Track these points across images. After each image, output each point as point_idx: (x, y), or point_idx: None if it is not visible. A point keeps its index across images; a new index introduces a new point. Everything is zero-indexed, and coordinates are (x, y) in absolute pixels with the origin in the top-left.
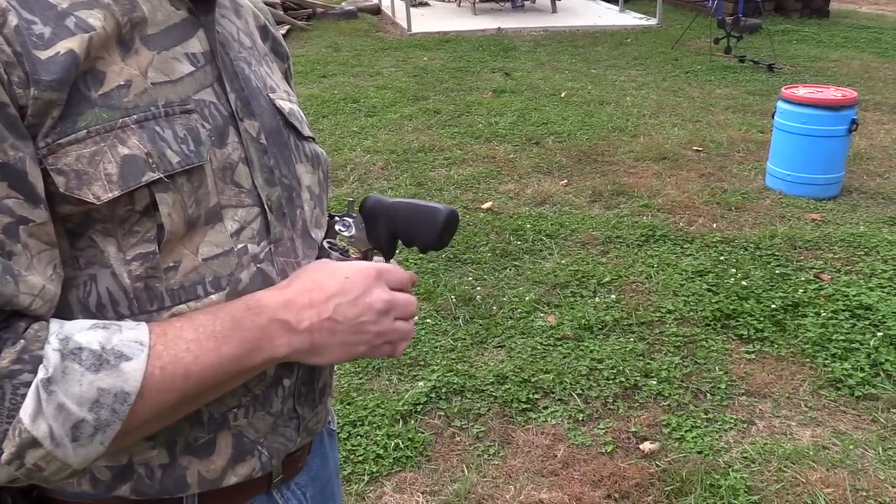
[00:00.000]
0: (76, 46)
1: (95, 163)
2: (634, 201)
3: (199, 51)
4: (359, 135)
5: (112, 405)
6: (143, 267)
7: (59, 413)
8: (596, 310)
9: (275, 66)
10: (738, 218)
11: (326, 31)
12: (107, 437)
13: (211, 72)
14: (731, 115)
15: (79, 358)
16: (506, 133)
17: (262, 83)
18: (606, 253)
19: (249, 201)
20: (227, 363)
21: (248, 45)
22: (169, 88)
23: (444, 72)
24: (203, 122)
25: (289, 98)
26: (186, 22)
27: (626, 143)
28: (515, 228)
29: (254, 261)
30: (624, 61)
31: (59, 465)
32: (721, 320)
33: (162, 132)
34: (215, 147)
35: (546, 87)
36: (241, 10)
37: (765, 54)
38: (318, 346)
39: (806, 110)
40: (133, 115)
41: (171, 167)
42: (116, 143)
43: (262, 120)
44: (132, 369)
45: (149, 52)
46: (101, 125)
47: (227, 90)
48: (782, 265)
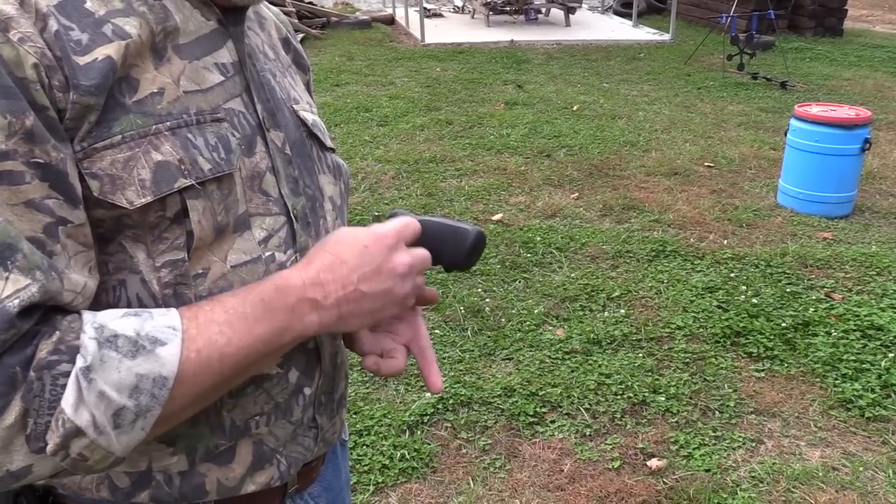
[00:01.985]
0: (113, 53)
1: (129, 168)
2: (645, 216)
3: (228, 61)
4: (370, 144)
5: (151, 390)
6: (172, 274)
7: (101, 401)
8: (605, 324)
9: (297, 77)
10: (749, 235)
11: (340, 40)
12: (147, 423)
13: (240, 82)
14: (743, 131)
15: (115, 345)
16: (517, 145)
17: (286, 94)
18: (616, 267)
19: (276, 210)
20: (259, 344)
21: (273, 56)
22: (200, 97)
23: (456, 83)
24: (233, 130)
25: (311, 109)
26: (216, 32)
27: (637, 158)
28: (525, 241)
29: (280, 269)
30: (636, 76)
31: (102, 453)
32: (731, 338)
33: (194, 139)
34: (244, 156)
35: (558, 101)
36: (264, 22)
37: (778, 71)
38: (346, 317)
39: (819, 128)
40: (166, 122)
41: (203, 174)
42: (150, 149)
43: (287, 131)
44: (168, 354)
45: (181, 61)
46: (136, 131)
47: (254, 100)
48: (793, 283)
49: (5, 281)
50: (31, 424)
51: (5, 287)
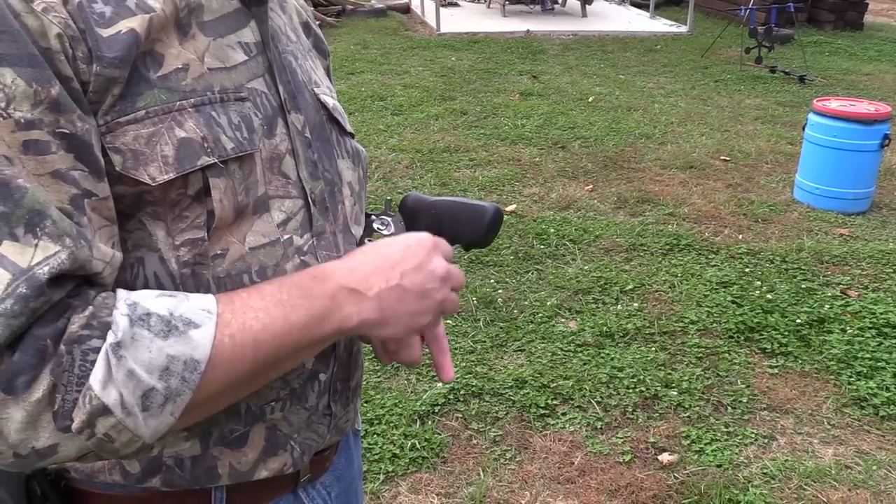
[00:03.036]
0: (137, 26)
1: (153, 144)
2: (660, 209)
3: (251, 41)
4: (385, 133)
5: (182, 373)
6: (191, 253)
7: (130, 380)
8: (618, 317)
9: (318, 62)
10: (764, 230)
11: (355, 28)
12: (177, 408)
13: (262, 62)
14: (760, 125)
15: (147, 324)
16: (532, 136)
17: (307, 77)
18: (630, 260)
19: (295, 193)
20: (296, 332)
21: (294, 39)
22: (224, 75)
23: (471, 72)
24: (255, 110)
25: (331, 94)
26: (240, 12)
27: (652, 151)
28: (539, 232)
29: (298, 252)
30: (653, 68)
31: (129, 435)
32: (744, 333)
33: (217, 117)
34: (265, 137)
35: (573, 92)
36: (285, 5)
37: (796, 65)
38: (386, 315)
39: (838, 124)
40: (191, 98)
41: (226, 153)
42: (174, 125)
43: (307, 114)
44: (201, 336)
45: (205, 38)
46: (160, 106)
47: (276, 81)
48: (808, 280)
49: (34, 248)
50: (58, 401)
51: (35, 254)
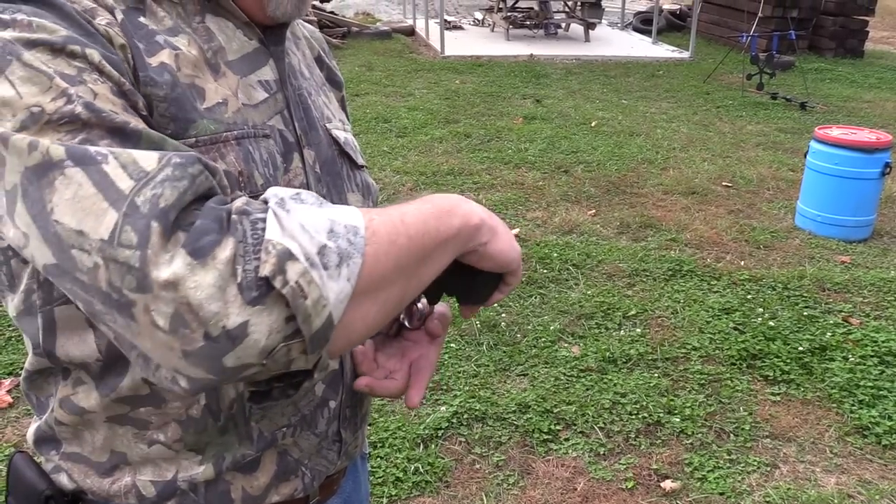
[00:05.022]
0: (167, 58)
1: None
2: (662, 235)
3: (270, 79)
4: (389, 155)
5: (346, 235)
6: None
7: (303, 232)
8: (621, 343)
9: (331, 95)
10: (766, 256)
11: (360, 50)
12: (352, 273)
13: (280, 100)
14: (761, 151)
15: (300, 199)
16: (535, 160)
17: (319, 113)
18: (633, 286)
19: None
20: (432, 219)
21: (308, 75)
22: (252, 112)
23: (475, 96)
24: (276, 147)
25: (344, 127)
26: (258, 51)
27: (655, 176)
28: (542, 257)
29: None
30: (655, 93)
31: (318, 293)
32: (747, 360)
33: (252, 152)
34: (283, 173)
35: (576, 116)
36: (299, 42)
37: (797, 92)
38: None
39: (839, 151)
40: (233, 130)
41: (257, 189)
42: (217, 157)
43: (319, 149)
44: (350, 209)
45: (234, 75)
46: (209, 136)
47: (293, 118)
48: (810, 307)
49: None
50: (240, 272)
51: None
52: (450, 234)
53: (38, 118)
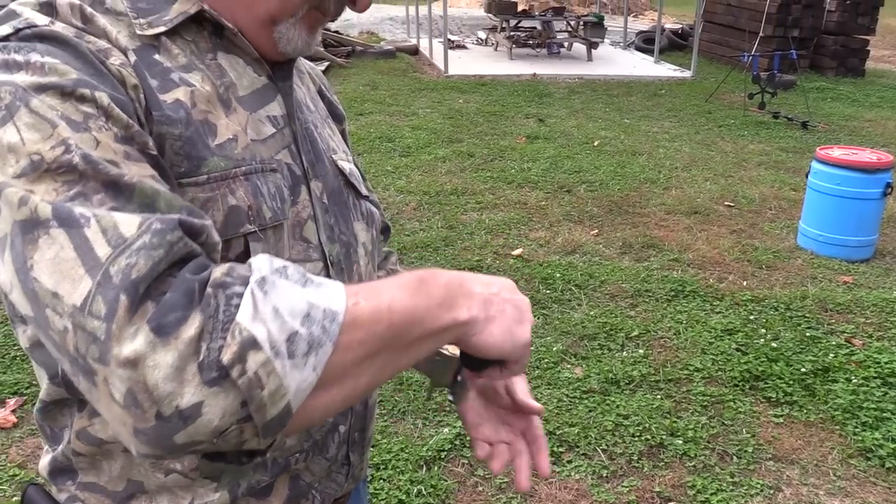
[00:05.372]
0: (181, 95)
1: (207, 209)
2: (665, 255)
3: (278, 114)
4: (392, 174)
5: (322, 321)
6: None
7: (276, 317)
8: (623, 364)
9: (334, 127)
10: (768, 277)
11: (365, 69)
12: (319, 361)
13: (288, 134)
14: (763, 171)
15: (285, 274)
16: (538, 179)
17: (325, 145)
18: (635, 306)
19: (316, 256)
20: (421, 310)
21: (313, 108)
22: (260, 147)
23: (478, 115)
24: (283, 181)
25: (348, 158)
26: (267, 87)
27: (657, 196)
28: (545, 277)
29: None
30: (657, 112)
31: (277, 382)
32: (749, 381)
33: (261, 187)
34: (291, 205)
35: (579, 135)
36: (303, 77)
37: (799, 111)
38: (491, 314)
39: (840, 172)
40: (242, 166)
41: (265, 222)
42: (227, 192)
43: (326, 180)
44: (335, 290)
45: (244, 111)
46: (219, 173)
47: (300, 151)
48: (813, 328)
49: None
50: (203, 350)
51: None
52: (436, 329)
53: (38, 166)
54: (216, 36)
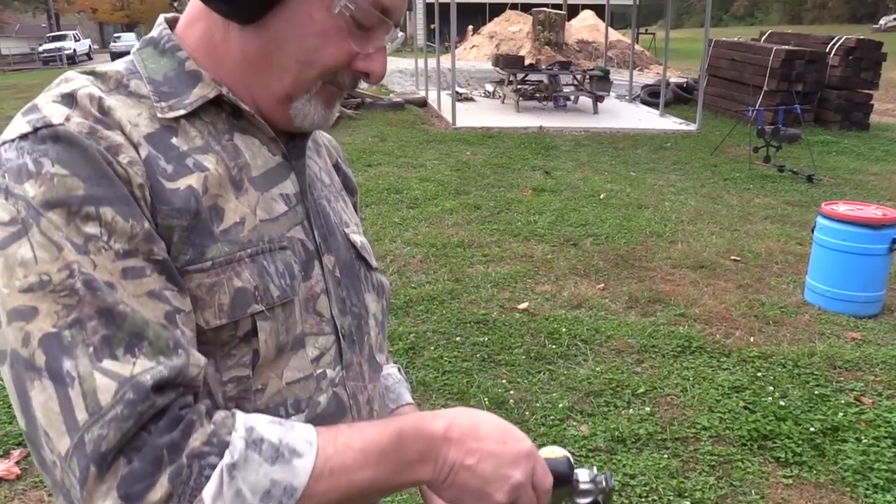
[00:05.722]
0: (195, 183)
1: (213, 293)
2: (671, 310)
3: (291, 192)
4: (400, 226)
5: (280, 497)
6: (236, 389)
7: (236, 498)
8: (630, 422)
9: (348, 200)
10: (776, 332)
11: (374, 120)
12: None
13: (301, 211)
14: (769, 224)
15: (259, 449)
16: (544, 232)
17: (338, 219)
18: (641, 362)
19: (328, 329)
20: (382, 478)
21: (328, 182)
22: (271, 226)
23: (485, 167)
24: (294, 257)
25: (359, 231)
26: (281, 166)
27: (663, 249)
28: (551, 332)
29: (330, 385)
30: (663, 165)
31: None
32: (758, 441)
33: (268, 266)
34: (302, 280)
35: (585, 188)
36: (320, 150)
37: (804, 165)
38: (448, 484)
39: (846, 227)
40: (247, 249)
41: (273, 300)
42: (233, 275)
43: (338, 254)
44: (302, 466)
45: (255, 192)
46: (224, 258)
47: (312, 227)
48: (821, 385)
49: (133, 365)
50: None
51: (134, 368)
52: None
53: (45, 286)
54: (234, 117)
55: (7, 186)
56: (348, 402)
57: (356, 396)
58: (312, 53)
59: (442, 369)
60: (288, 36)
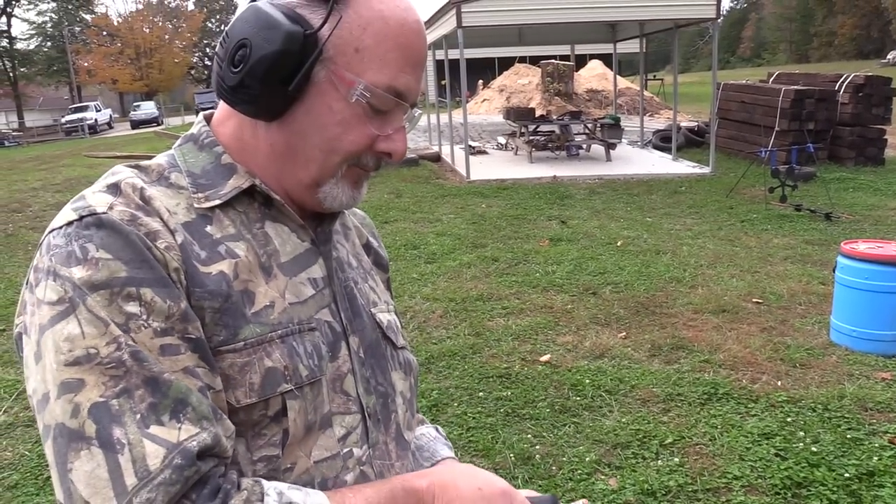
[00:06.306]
0: (226, 268)
1: (244, 372)
2: (695, 356)
3: (319, 276)
4: (418, 281)
5: None
6: (266, 468)
7: None
8: (659, 473)
9: (377, 278)
10: (803, 376)
11: (389, 177)
12: None
13: (328, 294)
14: (790, 265)
15: None
16: (563, 282)
17: (365, 300)
18: (668, 411)
19: (355, 408)
20: None
21: (356, 265)
22: (299, 308)
23: (501, 219)
24: (322, 338)
25: (388, 309)
26: (309, 251)
27: (684, 295)
28: (574, 383)
29: (357, 463)
30: (679, 209)
31: None
32: (791, 489)
33: (297, 347)
34: (329, 361)
35: (602, 236)
36: (349, 233)
37: (821, 203)
38: None
39: (867, 266)
40: (277, 330)
41: (301, 380)
42: (263, 355)
43: (364, 335)
44: None
45: (284, 277)
46: (255, 338)
47: (339, 309)
48: (854, 429)
49: (179, 430)
50: None
51: (180, 434)
52: None
53: (92, 359)
54: (265, 206)
55: (55, 269)
56: None
57: (384, 475)
58: (334, 142)
59: (466, 426)
60: (310, 128)
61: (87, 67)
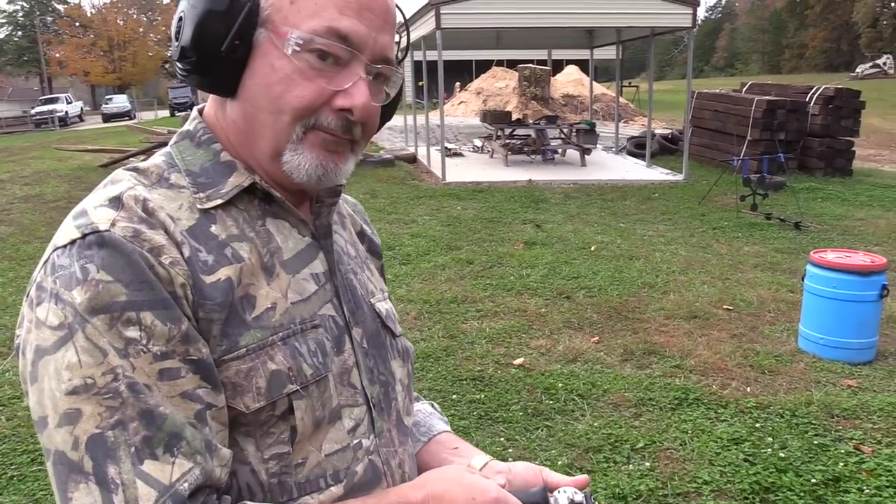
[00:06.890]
0: (232, 274)
1: (250, 378)
2: (666, 361)
3: (320, 271)
4: (393, 283)
5: None
6: (277, 465)
7: None
8: (630, 478)
9: (373, 266)
10: (772, 382)
11: (364, 177)
12: None
13: (330, 289)
14: (759, 273)
15: None
16: (537, 286)
17: (364, 290)
18: (639, 416)
19: (361, 400)
20: None
21: (353, 254)
22: (302, 306)
23: (476, 221)
24: (326, 335)
25: (384, 297)
26: (311, 246)
27: (656, 300)
28: (547, 387)
29: (366, 453)
30: (652, 216)
31: None
32: (759, 494)
33: (299, 347)
34: (335, 356)
35: (576, 241)
36: (345, 221)
37: (791, 211)
38: None
39: (835, 275)
40: (279, 332)
41: (306, 379)
42: (267, 359)
43: (365, 325)
44: None
45: (286, 275)
46: (257, 343)
47: (341, 303)
48: (820, 435)
49: (172, 466)
50: None
51: (173, 471)
52: None
53: (89, 388)
54: (265, 202)
55: (58, 292)
56: (383, 469)
57: (389, 462)
58: (279, 101)
59: None
60: (258, 93)
61: (59, 58)
